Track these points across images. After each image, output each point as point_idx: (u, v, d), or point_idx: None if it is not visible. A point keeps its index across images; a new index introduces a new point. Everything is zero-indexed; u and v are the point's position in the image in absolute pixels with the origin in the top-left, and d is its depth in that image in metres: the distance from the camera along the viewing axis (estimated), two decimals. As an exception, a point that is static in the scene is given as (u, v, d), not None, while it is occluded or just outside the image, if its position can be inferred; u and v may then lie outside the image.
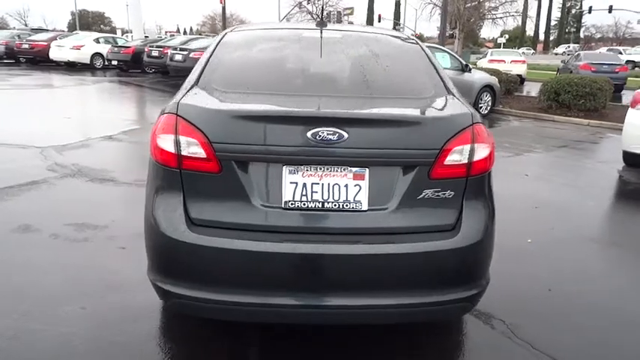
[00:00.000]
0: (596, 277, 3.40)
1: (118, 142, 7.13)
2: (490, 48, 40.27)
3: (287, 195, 1.95)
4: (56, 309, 2.67)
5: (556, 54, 57.17)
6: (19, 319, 2.56)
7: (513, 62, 20.29)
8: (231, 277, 1.94)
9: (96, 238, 3.64)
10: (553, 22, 62.66)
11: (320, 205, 1.96)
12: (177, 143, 1.95)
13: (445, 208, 2.02)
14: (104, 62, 20.92)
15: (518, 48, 48.81)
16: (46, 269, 3.14)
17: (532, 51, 62.46)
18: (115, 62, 19.94)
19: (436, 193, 1.99)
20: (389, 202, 1.98)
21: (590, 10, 49.53)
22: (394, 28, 53.17)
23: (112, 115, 9.77)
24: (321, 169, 1.95)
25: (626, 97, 16.62)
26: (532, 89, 15.75)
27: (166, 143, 1.98)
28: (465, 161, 1.99)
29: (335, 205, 1.96)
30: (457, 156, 1.98)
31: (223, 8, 30.22)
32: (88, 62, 20.86)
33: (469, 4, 33.13)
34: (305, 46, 2.64)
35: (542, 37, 67.16)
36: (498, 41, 60.37)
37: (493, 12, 36.08)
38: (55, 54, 20.90)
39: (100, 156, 6.36)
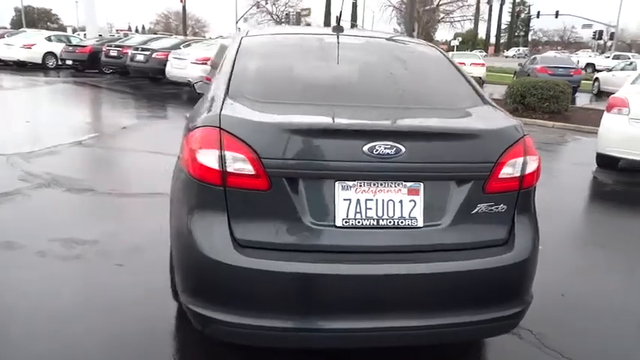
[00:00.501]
0: (596, 280, 3.46)
1: (88, 149, 6.76)
2: (445, 51, 41.07)
3: (341, 212, 1.84)
4: (64, 331, 2.46)
5: (506, 57, 59.12)
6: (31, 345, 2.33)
7: (473, 65, 20.78)
8: (283, 301, 1.81)
9: (88, 255, 3.38)
10: (503, 26, 64.87)
11: (375, 223, 1.85)
12: (221, 159, 1.80)
13: (497, 222, 1.97)
14: (57, 62, 19.93)
15: (471, 50, 50.16)
16: (42, 291, 2.88)
17: (484, 53, 64.38)
18: (69, 62, 19.03)
19: (489, 208, 1.93)
20: (443, 217, 1.90)
21: (538, 14, 51.55)
22: (351, 28, 53.51)
23: (76, 119, 9.26)
24: (374, 184, 1.85)
25: (580, 99, 17.37)
26: (493, 91, 16.17)
27: (208, 159, 1.82)
28: (518, 174, 1.95)
29: (390, 222, 1.86)
30: (510, 169, 1.93)
31: (184, 7, 29.51)
32: (40, 62, 19.81)
33: (427, 7, 33.84)
34: (331, 53, 2.53)
35: (493, 40, 69.44)
36: (452, 44, 61.92)
37: (450, 15, 37.04)
38: (3, 53, 19.74)
39: (71, 163, 6.01)
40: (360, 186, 1.84)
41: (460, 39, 68.44)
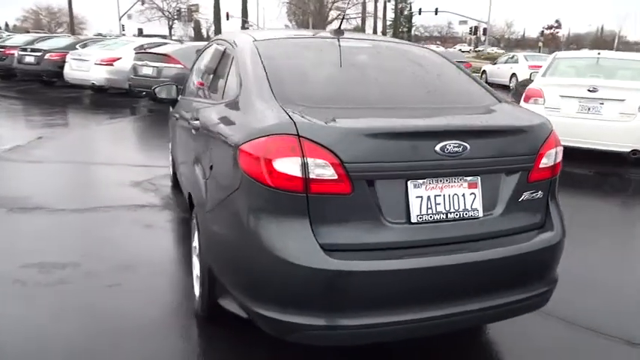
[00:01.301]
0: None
1: (13, 163, 6.09)
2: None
3: (414, 209, 1.94)
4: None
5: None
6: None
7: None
8: (372, 299, 1.87)
9: (74, 278, 3.12)
10: (388, 22, 68.22)
11: (444, 217, 1.99)
12: (304, 166, 1.81)
13: (537, 208, 2.19)
14: None
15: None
16: (39, 323, 2.62)
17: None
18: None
19: (531, 195, 2.15)
20: (496, 206, 2.08)
21: (419, 11, 55.14)
22: (243, 26, 53.02)
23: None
24: (441, 181, 1.98)
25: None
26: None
27: (289, 167, 1.82)
28: (552, 163, 2.19)
29: (457, 215, 2.00)
30: (547, 159, 2.16)
31: (70, 3, 27.08)
32: None
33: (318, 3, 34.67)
34: (352, 57, 2.61)
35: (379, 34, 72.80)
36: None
37: (341, 11, 38.19)
38: None
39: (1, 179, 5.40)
40: (430, 183, 1.96)
41: (349, 35, 70.84)
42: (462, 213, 2.01)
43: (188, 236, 3.85)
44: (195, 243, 2.71)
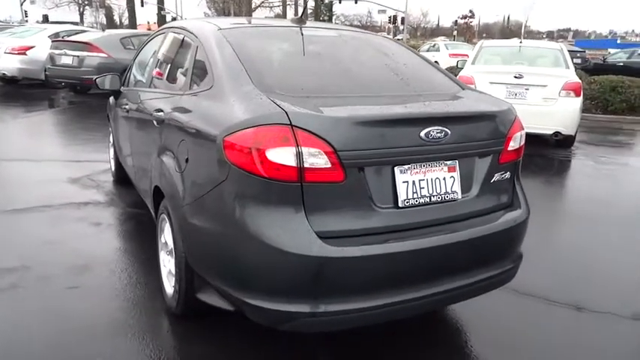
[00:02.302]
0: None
1: None
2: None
3: (401, 194, 2.01)
4: None
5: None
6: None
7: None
8: (367, 282, 1.92)
9: (27, 282, 2.90)
10: (309, 11, 68.41)
11: (428, 200, 2.07)
12: (298, 155, 1.81)
13: (505, 188, 2.34)
14: None
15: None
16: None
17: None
18: None
19: (501, 176, 2.29)
20: (472, 188, 2.20)
21: (340, 0, 55.82)
22: (159, 14, 50.71)
23: None
24: (424, 165, 2.06)
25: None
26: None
27: (283, 157, 1.82)
28: (517, 146, 2.34)
29: (439, 198, 2.10)
30: (514, 142, 2.31)
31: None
32: None
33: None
34: (322, 45, 2.62)
35: (301, 24, 72.64)
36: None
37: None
38: None
39: None
40: (414, 168, 2.04)
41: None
42: (443, 196, 2.11)
43: (141, 232, 3.73)
44: (165, 239, 2.62)
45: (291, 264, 1.83)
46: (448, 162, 2.12)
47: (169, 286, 2.64)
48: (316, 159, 1.83)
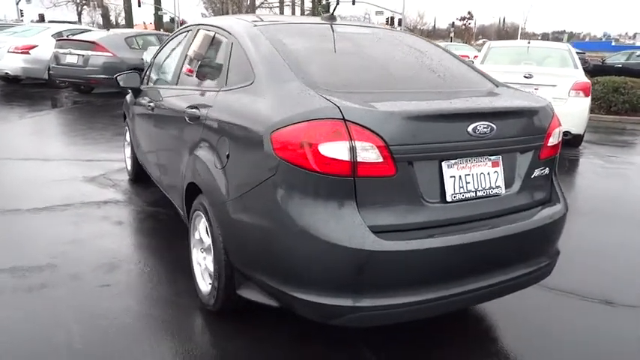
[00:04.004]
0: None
1: None
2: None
3: (449, 189, 2.02)
4: None
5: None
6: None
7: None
8: (420, 276, 1.93)
9: (55, 281, 2.89)
10: (307, 12, 68.47)
11: (474, 195, 2.08)
12: (352, 150, 1.82)
13: (544, 183, 2.36)
14: None
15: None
16: (36, 330, 2.41)
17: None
18: None
19: (541, 172, 2.31)
20: (513, 183, 2.22)
21: (337, 1, 55.86)
22: (156, 13, 50.56)
23: None
24: (469, 160, 2.07)
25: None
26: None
27: (336, 151, 1.82)
28: (556, 142, 2.36)
29: (484, 193, 2.11)
30: (553, 138, 2.33)
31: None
32: None
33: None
34: (359, 42, 2.63)
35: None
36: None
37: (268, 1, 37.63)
38: None
39: None
40: (460, 163, 2.05)
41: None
42: (488, 191, 2.12)
43: (163, 230, 3.73)
44: (200, 236, 2.62)
45: (345, 258, 1.84)
46: (492, 157, 2.13)
47: (204, 283, 2.63)
48: (369, 153, 1.84)
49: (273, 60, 2.28)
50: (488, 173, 2.13)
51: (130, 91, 4.35)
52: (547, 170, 2.34)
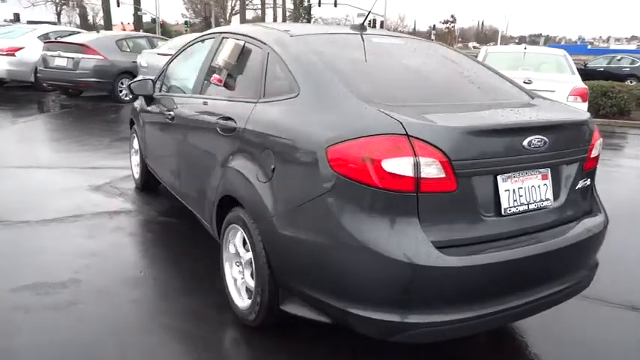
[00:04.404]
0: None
1: None
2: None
3: (504, 202, 2.02)
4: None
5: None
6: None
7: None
8: (479, 290, 1.93)
9: (84, 298, 2.80)
10: (288, 14, 68.42)
11: (526, 208, 2.09)
12: (416, 165, 1.81)
13: (586, 194, 2.38)
14: None
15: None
16: (78, 348, 2.34)
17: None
18: None
19: (584, 183, 2.33)
20: (560, 195, 2.23)
21: (319, 3, 55.93)
22: (135, 13, 49.83)
23: None
24: (521, 174, 2.07)
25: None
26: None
27: (400, 167, 1.80)
28: (597, 154, 2.38)
29: (535, 206, 2.11)
30: (595, 150, 2.35)
31: None
32: None
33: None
34: (398, 53, 2.63)
35: (279, 26, 72.51)
36: (240, 30, 62.69)
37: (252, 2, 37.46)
38: None
39: None
40: (514, 177, 2.05)
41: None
42: (538, 203, 2.13)
43: (181, 241, 3.66)
44: (237, 249, 2.57)
45: (408, 274, 1.82)
46: (542, 170, 2.14)
47: (240, 297, 2.59)
48: (432, 169, 1.83)
49: (319, 73, 2.26)
50: (539, 186, 2.13)
51: (141, 98, 4.26)
52: (589, 181, 2.37)
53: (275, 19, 65.03)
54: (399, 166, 1.81)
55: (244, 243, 2.50)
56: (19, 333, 2.44)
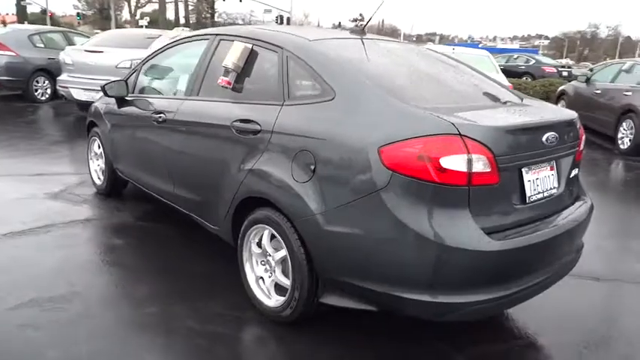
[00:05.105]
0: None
1: None
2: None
3: (528, 192, 2.30)
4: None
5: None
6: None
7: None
8: (515, 270, 2.20)
9: (92, 311, 2.69)
10: (190, 7, 66.43)
11: (542, 196, 2.38)
12: (469, 162, 2.02)
13: (576, 182, 2.74)
14: None
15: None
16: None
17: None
18: None
19: (575, 172, 2.69)
20: (561, 183, 2.57)
21: (224, -3, 55.04)
22: (19, 3, 45.60)
23: None
24: (537, 166, 2.37)
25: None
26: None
27: (456, 163, 2.00)
28: (581, 148, 2.76)
29: (547, 194, 2.42)
30: (582, 143, 2.73)
31: None
32: None
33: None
34: (404, 56, 2.83)
35: (182, 20, 70.21)
36: (139, 24, 59.79)
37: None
38: None
39: None
40: (532, 169, 2.34)
41: (148, 19, 66.77)
42: (549, 191, 2.44)
43: (172, 244, 3.58)
44: (265, 248, 2.63)
45: (466, 260, 2.03)
46: (550, 162, 2.46)
47: (266, 296, 2.67)
48: (480, 164, 2.05)
49: (352, 76, 2.39)
50: (548, 176, 2.45)
51: (104, 99, 4.09)
52: (577, 170, 2.74)
53: (177, 13, 62.87)
54: (455, 162, 2.01)
55: (270, 242, 2.58)
56: (39, 352, 2.32)
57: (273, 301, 2.64)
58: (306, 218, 2.34)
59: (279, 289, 2.63)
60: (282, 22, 52.84)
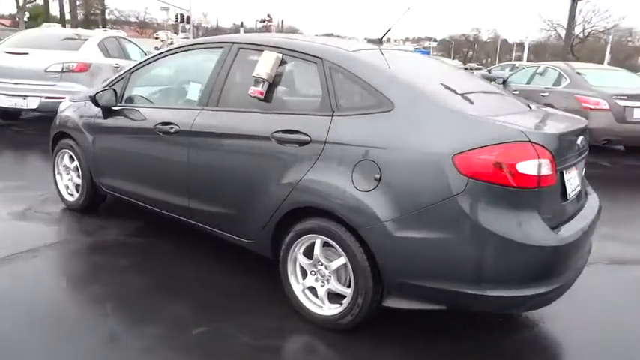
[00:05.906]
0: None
1: None
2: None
3: (568, 190, 2.56)
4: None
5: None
6: None
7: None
8: (570, 262, 2.44)
9: (145, 346, 2.54)
10: (78, 2, 61.81)
11: (574, 194, 2.66)
12: (539, 167, 2.21)
13: (584, 179, 3.08)
14: None
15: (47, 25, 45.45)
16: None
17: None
18: None
19: (584, 171, 3.02)
20: (579, 182, 2.87)
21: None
22: None
23: None
24: (571, 167, 2.64)
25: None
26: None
27: (530, 168, 2.19)
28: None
29: (576, 192, 2.70)
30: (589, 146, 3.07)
31: None
32: None
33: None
34: (429, 66, 2.98)
35: (68, 16, 65.01)
36: (17, 19, 54.48)
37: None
38: None
39: None
40: (568, 170, 2.60)
41: (28, 14, 60.96)
42: (576, 189, 2.73)
43: (184, 260, 3.41)
44: (319, 257, 2.64)
45: (537, 255, 2.24)
46: (577, 162, 2.75)
47: (317, 306, 2.70)
48: (546, 168, 2.26)
49: (408, 87, 2.49)
50: (575, 176, 2.74)
51: (79, 109, 3.80)
52: (584, 169, 3.08)
53: (62, 8, 58.15)
54: (528, 167, 2.20)
55: (322, 251, 2.64)
56: None
57: (326, 309, 2.66)
58: (374, 226, 2.39)
59: (332, 297, 2.66)
60: (182, 21, 51.17)
